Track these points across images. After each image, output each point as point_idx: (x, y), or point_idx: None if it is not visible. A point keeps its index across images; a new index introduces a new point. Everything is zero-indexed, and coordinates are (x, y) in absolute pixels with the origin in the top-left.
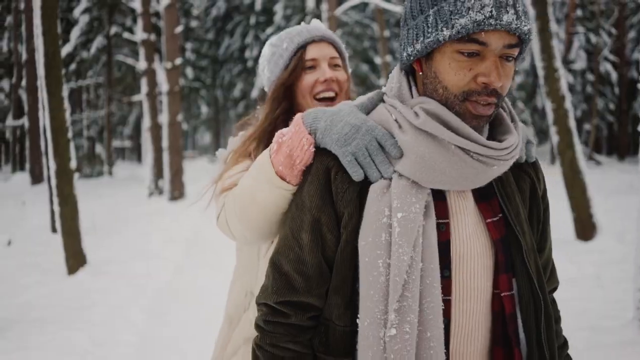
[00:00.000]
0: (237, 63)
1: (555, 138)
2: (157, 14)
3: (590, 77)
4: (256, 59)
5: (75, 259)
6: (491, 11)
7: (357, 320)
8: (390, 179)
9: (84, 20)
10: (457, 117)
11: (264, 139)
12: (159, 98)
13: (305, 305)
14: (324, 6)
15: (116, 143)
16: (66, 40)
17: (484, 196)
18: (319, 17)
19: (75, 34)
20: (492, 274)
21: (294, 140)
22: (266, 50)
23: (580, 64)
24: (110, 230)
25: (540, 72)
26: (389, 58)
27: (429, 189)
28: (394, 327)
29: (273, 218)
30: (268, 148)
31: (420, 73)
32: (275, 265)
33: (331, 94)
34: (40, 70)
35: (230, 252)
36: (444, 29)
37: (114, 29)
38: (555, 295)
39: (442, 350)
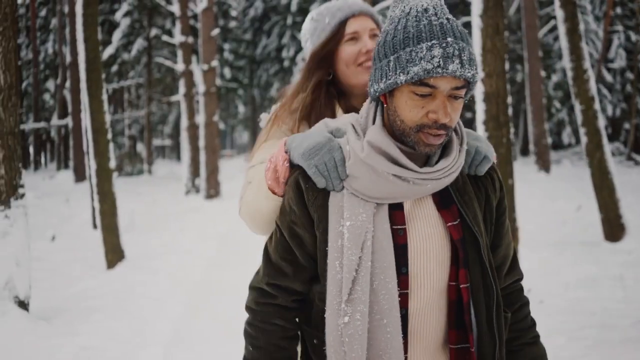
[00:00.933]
0: (274, 63)
1: (584, 139)
2: (195, 17)
3: (630, 75)
4: (292, 59)
5: (114, 253)
6: (439, 62)
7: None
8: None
9: (125, 23)
10: (396, 149)
11: (305, 113)
12: (195, 98)
13: (289, 289)
14: None
15: (157, 142)
16: (108, 42)
17: (444, 204)
18: None
19: (117, 36)
20: (448, 269)
21: (278, 159)
22: (307, 24)
23: (620, 62)
24: (148, 227)
25: (569, 73)
26: None
27: (374, 202)
28: (347, 316)
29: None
30: (265, 165)
31: (385, 105)
32: (266, 255)
33: (370, 63)
34: (82, 74)
35: (261, 249)
36: (401, 74)
37: (153, 32)
38: (574, 294)
39: (399, 333)
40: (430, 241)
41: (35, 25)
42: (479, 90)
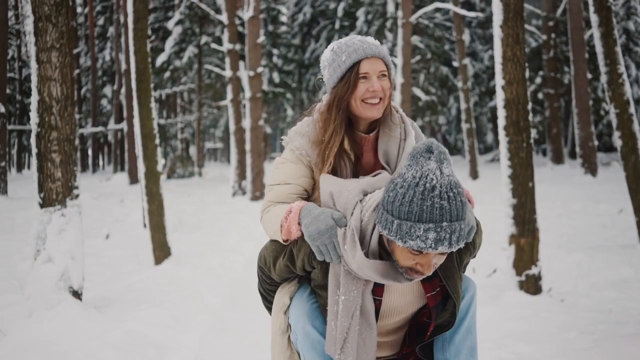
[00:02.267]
0: None
1: (619, 142)
2: (243, 24)
3: None
4: None
5: (161, 250)
6: (431, 243)
7: None
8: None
9: (177, 31)
10: (377, 274)
11: (339, 133)
12: (242, 103)
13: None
14: (399, 13)
15: (209, 145)
16: (162, 49)
17: (427, 278)
18: (396, 21)
19: (169, 44)
20: (411, 315)
21: (291, 225)
22: (328, 54)
23: None
24: (195, 227)
25: (604, 77)
26: (466, 61)
27: (364, 280)
28: (337, 355)
29: None
30: (280, 218)
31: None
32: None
33: (376, 100)
34: (133, 84)
35: None
36: (400, 240)
37: (204, 39)
38: (600, 294)
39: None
40: (401, 309)
41: (93, 33)
42: (499, 97)
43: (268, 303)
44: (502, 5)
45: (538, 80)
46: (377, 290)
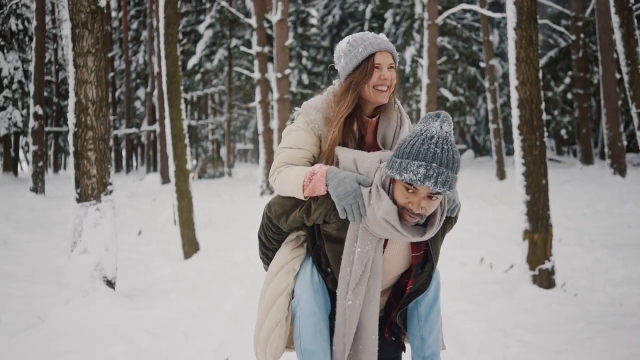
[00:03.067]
0: None
1: None
2: (272, 27)
3: None
4: None
5: (190, 245)
6: (420, 177)
7: None
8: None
9: (208, 34)
10: (399, 226)
11: (346, 120)
12: (271, 105)
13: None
14: (425, 15)
15: (239, 146)
16: (193, 52)
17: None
18: (423, 22)
19: (200, 47)
20: (400, 273)
21: (316, 185)
22: (344, 45)
23: None
24: (223, 224)
25: (625, 77)
26: (494, 61)
27: (378, 237)
28: (350, 301)
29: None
30: (305, 174)
31: (393, 183)
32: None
33: (384, 88)
34: (164, 86)
35: None
36: (397, 174)
37: (234, 42)
38: (615, 289)
39: (378, 307)
40: (395, 259)
41: (127, 37)
42: (513, 97)
43: (266, 249)
44: (516, 9)
45: (567, 80)
46: (385, 243)
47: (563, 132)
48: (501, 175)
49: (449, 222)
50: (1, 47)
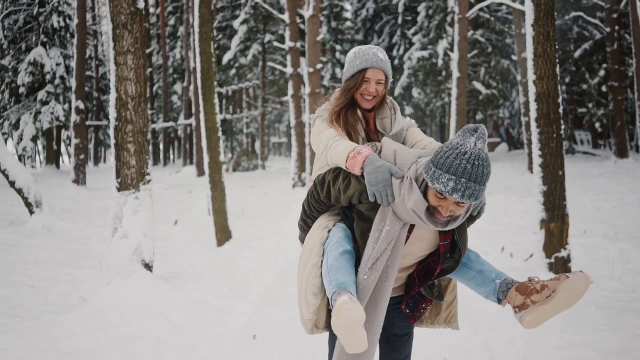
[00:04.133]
0: None
1: None
2: (305, 22)
3: None
4: (401, 57)
5: (222, 233)
6: (449, 190)
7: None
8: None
9: (242, 30)
10: (427, 219)
11: (337, 117)
12: (303, 98)
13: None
14: (456, 9)
15: (274, 139)
16: (228, 48)
17: (444, 231)
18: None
19: (235, 42)
20: (422, 257)
21: (355, 164)
22: (351, 54)
23: None
24: (256, 215)
25: None
26: (526, 54)
27: (404, 222)
28: (366, 275)
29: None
30: (352, 148)
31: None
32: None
33: (369, 97)
34: (198, 82)
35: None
36: (430, 181)
37: (267, 37)
38: (633, 278)
39: (391, 285)
40: (420, 243)
41: (164, 33)
42: (531, 91)
43: (306, 217)
44: (534, 6)
45: (602, 72)
46: (410, 228)
47: (597, 125)
48: (532, 168)
49: (474, 218)
50: (44, 44)
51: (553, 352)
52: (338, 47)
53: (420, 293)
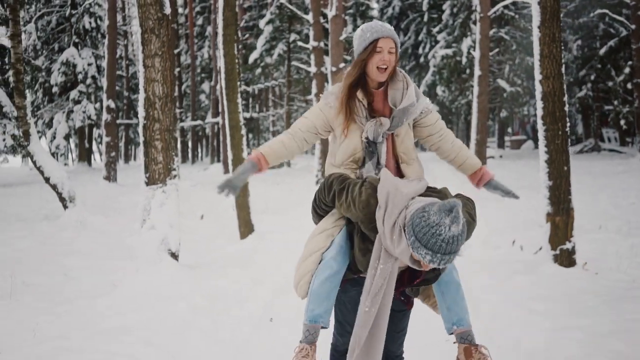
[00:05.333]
0: (411, 59)
1: None
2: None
3: None
4: (427, 55)
5: (245, 227)
6: (426, 261)
7: None
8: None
9: (268, 30)
10: (409, 260)
11: (349, 85)
12: None
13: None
14: (478, 8)
15: None
16: (254, 47)
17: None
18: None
19: (260, 42)
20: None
21: (249, 158)
22: (358, 32)
23: None
24: (279, 210)
25: None
26: None
27: (395, 258)
28: (367, 307)
29: None
30: (259, 150)
31: None
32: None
33: (385, 66)
34: (222, 82)
35: None
36: (411, 249)
37: (292, 37)
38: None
39: (388, 312)
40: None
41: (193, 33)
42: (538, 90)
43: (317, 207)
44: (540, 8)
45: (627, 70)
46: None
47: (623, 122)
48: None
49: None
50: (76, 44)
51: (545, 334)
52: None
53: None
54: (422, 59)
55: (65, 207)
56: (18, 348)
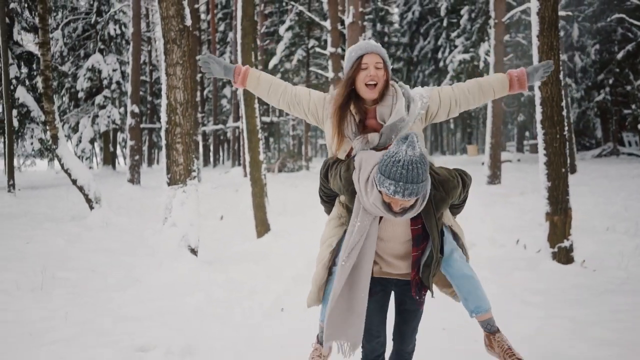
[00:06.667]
0: (430, 63)
1: None
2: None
3: None
4: (446, 59)
5: (262, 226)
6: (391, 192)
7: None
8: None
9: (287, 36)
10: (382, 206)
11: (339, 107)
12: None
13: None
14: (492, 14)
15: (321, 141)
16: (274, 53)
17: (414, 217)
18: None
19: (280, 48)
20: (405, 242)
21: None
22: (347, 52)
23: None
24: (296, 211)
25: None
26: (564, 56)
27: (373, 216)
28: (343, 261)
29: None
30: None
31: None
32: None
33: (372, 83)
34: (240, 89)
35: None
36: (377, 185)
37: (311, 43)
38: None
39: (368, 271)
40: (395, 229)
41: (215, 39)
42: (537, 96)
43: (320, 191)
44: (539, 19)
45: None
46: (380, 219)
47: None
48: (572, 169)
49: (443, 202)
50: (101, 51)
51: (535, 322)
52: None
53: (421, 281)
54: (441, 64)
55: (91, 207)
56: (51, 330)
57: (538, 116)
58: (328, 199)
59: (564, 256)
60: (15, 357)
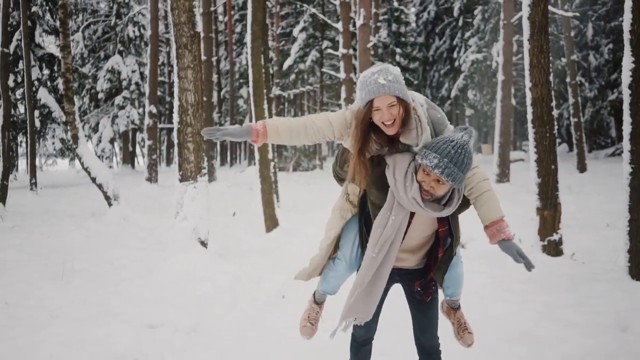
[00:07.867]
0: (445, 63)
1: None
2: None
3: None
4: (460, 59)
5: (270, 221)
6: (432, 165)
7: None
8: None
9: (301, 37)
10: (421, 200)
11: (359, 142)
12: None
13: None
14: (501, 15)
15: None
16: (289, 54)
17: (441, 219)
18: None
19: (294, 49)
20: (425, 237)
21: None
22: (361, 79)
23: None
24: (307, 209)
25: None
26: (574, 56)
27: (406, 210)
28: (374, 253)
29: None
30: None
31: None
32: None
33: (389, 123)
34: (250, 90)
35: None
36: (420, 158)
37: (325, 44)
38: None
39: (392, 263)
40: (421, 227)
41: (232, 40)
42: (528, 97)
43: (335, 172)
44: (529, 23)
45: None
46: (411, 215)
47: None
48: (582, 167)
49: (465, 206)
50: (120, 52)
51: (510, 306)
52: (398, 50)
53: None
54: (456, 63)
55: (110, 204)
56: (70, 313)
57: (529, 116)
58: (339, 180)
59: (553, 249)
60: (37, 332)
